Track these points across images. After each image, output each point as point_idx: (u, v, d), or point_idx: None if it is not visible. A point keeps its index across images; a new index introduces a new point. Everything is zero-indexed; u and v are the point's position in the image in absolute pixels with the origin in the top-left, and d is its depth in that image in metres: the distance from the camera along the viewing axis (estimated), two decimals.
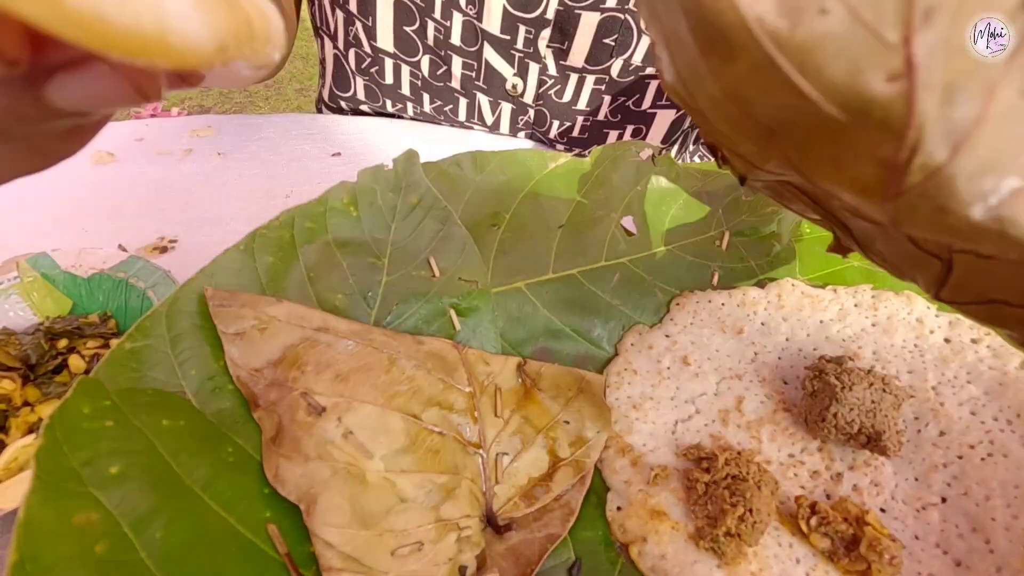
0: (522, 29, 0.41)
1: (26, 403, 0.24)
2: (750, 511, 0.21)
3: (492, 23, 0.41)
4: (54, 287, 0.28)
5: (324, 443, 0.20)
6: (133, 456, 0.16)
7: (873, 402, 0.23)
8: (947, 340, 0.25)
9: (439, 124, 0.48)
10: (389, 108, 0.48)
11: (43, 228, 0.36)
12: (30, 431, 0.23)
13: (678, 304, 0.30)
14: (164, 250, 0.34)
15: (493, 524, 0.21)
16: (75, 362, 0.25)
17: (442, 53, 0.43)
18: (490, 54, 0.42)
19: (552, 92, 0.45)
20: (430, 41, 0.42)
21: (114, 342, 0.27)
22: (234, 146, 0.44)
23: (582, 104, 0.45)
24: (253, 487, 0.18)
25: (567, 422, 0.25)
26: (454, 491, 0.21)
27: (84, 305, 0.28)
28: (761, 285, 0.30)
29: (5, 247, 0.31)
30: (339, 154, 0.44)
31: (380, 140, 0.46)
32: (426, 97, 0.46)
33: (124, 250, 0.32)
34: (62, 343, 0.26)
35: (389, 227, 0.26)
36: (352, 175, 0.28)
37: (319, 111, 0.54)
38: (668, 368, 0.28)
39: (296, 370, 0.21)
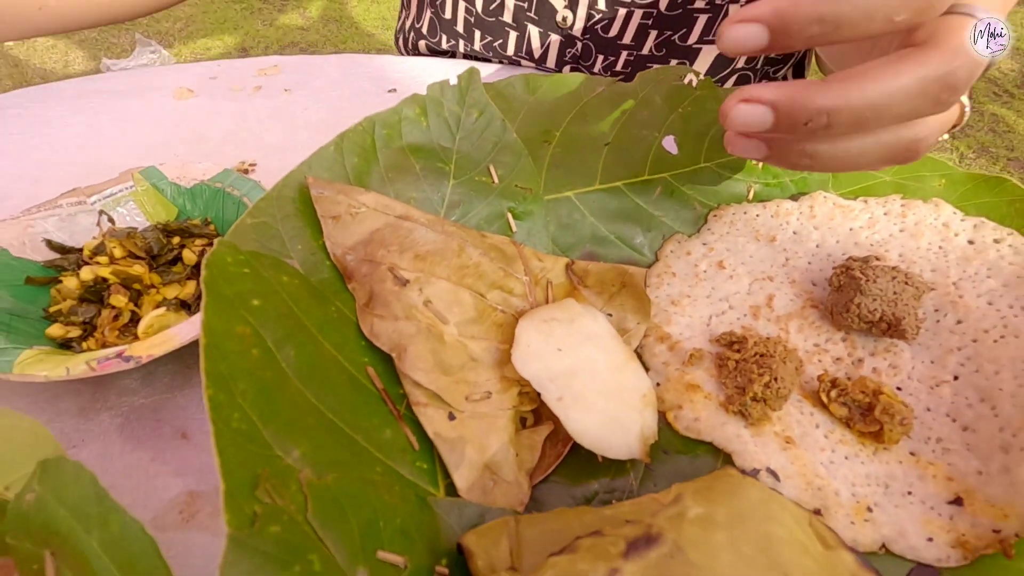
0: None
1: (151, 285, 0.28)
2: (775, 379, 0.24)
3: None
4: (162, 196, 0.32)
5: (409, 307, 0.23)
6: (267, 296, 0.20)
7: (895, 293, 0.26)
8: (971, 242, 0.27)
9: (488, 61, 0.50)
10: (443, 44, 0.50)
11: (140, 152, 0.40)
12: (158, 306, 0.28)
13: (715, 215, 0.32)
14: (246, 172, 0.38)
15: None
16: (187, 255, 0.30)
17: None
18: None
19: (599, 27, 0.46)
20: None
21: (216, 241, 0.31)
22: (299, 83, 0.47)
23: (627, 39, 0.46)
24: (353, 338, 0.22)
25: (610, 315, 0.28)
26: None
27: (187, 212, 0.32)
28: (794, 198, 0.32)
29: (112, 167, 0.35)
30: (394, 90, 0.47)
31: (432, 77, 0.49)
32: (477, 34, 0.48)
33: None
34: (175, 240, 0.30)
35: (454, 137, 0.29)
36: None
37: (397, 41, 0.58)
38: (704, 271, 0.30)
39: (383, 249, 0.24)
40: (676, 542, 0.15)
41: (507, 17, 0.47)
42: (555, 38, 0.47)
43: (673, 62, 0.48)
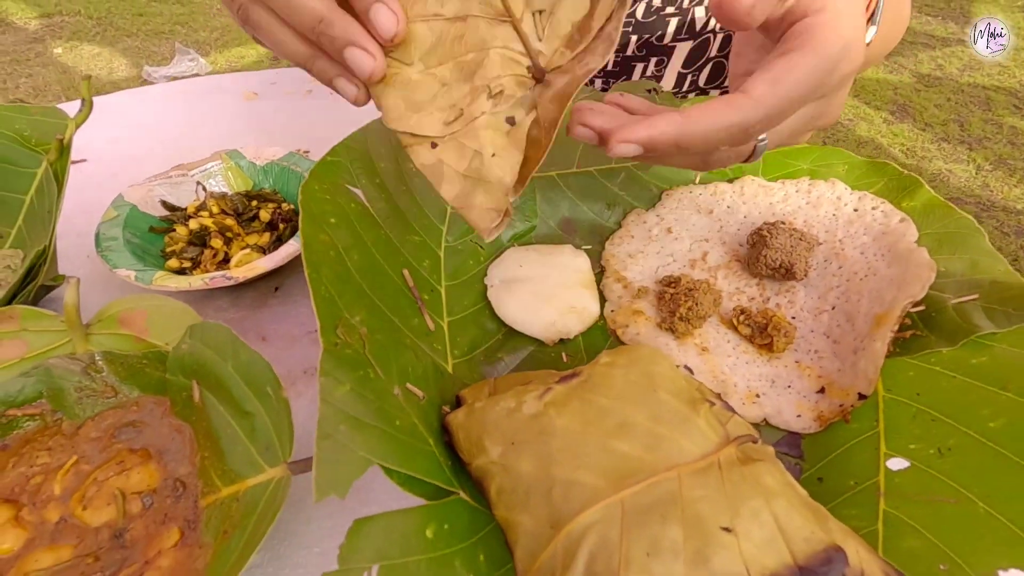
0: None
1: (238, 234, 0.38)
2: (696, 304, 0.33)
3: None
4: (242, 171, 0.42)
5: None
6: (339, 216, 0.29)
7: (791, 246, 0.34)
8: (855, 209, 0.36)
9: None
10: None
11: (219, 141, 0.51)
12: (243, 248, 0.37)
13: (668, 194, 0.41)
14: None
15: (539, 77, 0.23)
16: (263, 214, 0.39)
17: None
18: None
19: None
20: None
21: (284, 205, 0.41)
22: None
23: None
24: (396, 253, 0.31)
25: None
26: (483, 62, 0.23)
27: (260, 184, 0.42)
28: (730, 181, 0.40)
29: (214, 144, 0.45)
30: None
31: None
32: None
33: None
34: (254, 203, 0.40)
35: None
36: None
37: None
38: (656, 235, 0.39)
39: None
40: (589, 374, 0.24)
41: None
42: None
43: (653, 60, 0.57)
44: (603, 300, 0.36)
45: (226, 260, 0.37)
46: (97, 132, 0.50)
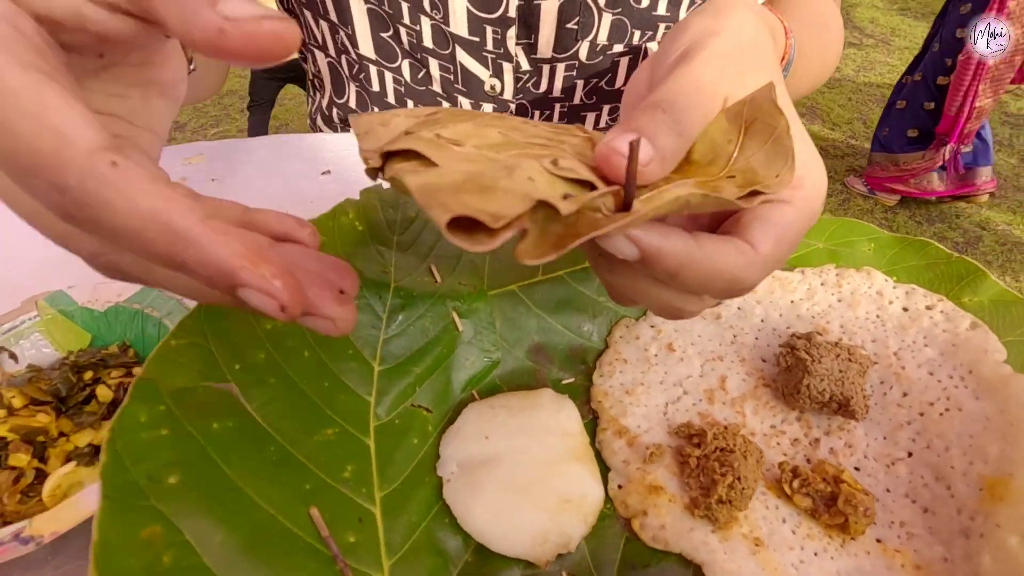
0: (489, 30, 0.43)
1: (62, 434, 0.26)
2: (738, 479, 0.23)
3: (459, 26, 0.42)
4: (73, 322, 0.29)
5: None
6: (189, 465, 0.17)
7: (840, 371, 0.26)
8: (905, 309, 0.28)
9: None
10: None
11: (55, 263, 0.37)
12: (68, 459, 0.25)
13: None
14: None
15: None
16: (103, 392, 0.27)
17: (418, 56, 0.44)
18: (464, 57, 0.44)
19: (529, 85, 0.46)
20: (406, 45, 0.44)
21: (137, 370, 0.29)
22: (226, 172, 0.45)
23: (557, 92, 0.47)
24: (293, 481, 0.20)
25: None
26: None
27: (103, 337, 0.30)
28: None
29: (23, 288, 0.32)
30: (329, 172, 0.45)
31: None
32: (409, 104, 0.47)
33: None
34: (88, 375, 0.27)
35: (392, 239, 0.28)
36: (343, 192, 0.30)
37: (312, 125, 0.56)
38: (655, 355, 0.30)
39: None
40: None
41: (436, 87, 0.46)
42: (488, 106, 0.47)
43: (605, 108, 0.49)
44: (604, 465, 0.26)
45: (42, 478, 0.24)
46: None
